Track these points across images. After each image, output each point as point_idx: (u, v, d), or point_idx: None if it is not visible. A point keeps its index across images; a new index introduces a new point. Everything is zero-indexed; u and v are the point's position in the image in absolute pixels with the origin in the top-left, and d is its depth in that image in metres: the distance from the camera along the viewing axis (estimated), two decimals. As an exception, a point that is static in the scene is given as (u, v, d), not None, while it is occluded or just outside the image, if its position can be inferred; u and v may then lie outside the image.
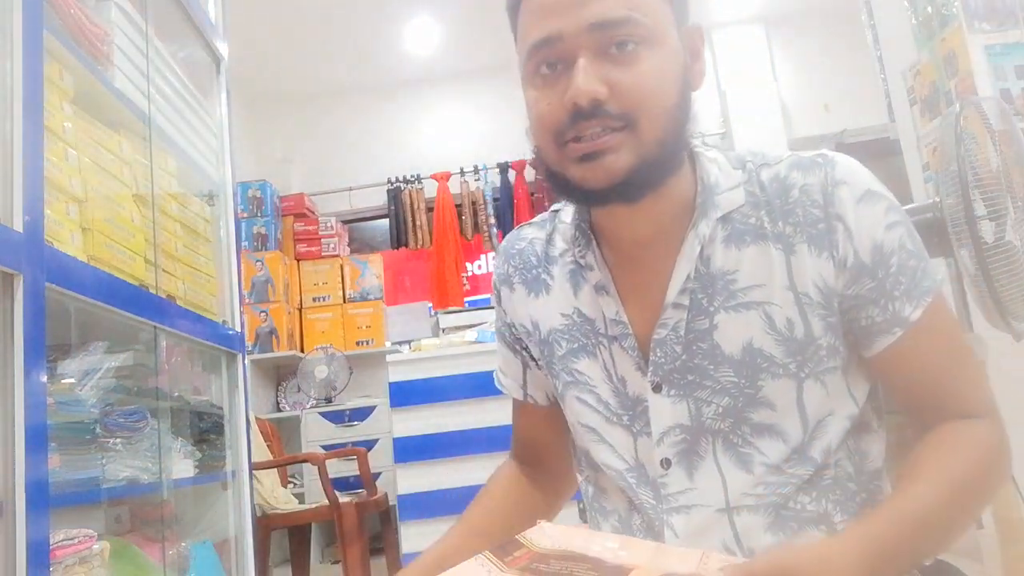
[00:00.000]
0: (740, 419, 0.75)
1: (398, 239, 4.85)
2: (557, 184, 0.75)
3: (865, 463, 0.77)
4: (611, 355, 0.80)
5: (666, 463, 0.77)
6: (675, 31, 0.73)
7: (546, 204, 4.93)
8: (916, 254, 0.74)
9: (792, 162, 0.77)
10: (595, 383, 0.81)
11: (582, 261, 0.82)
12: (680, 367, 0.76)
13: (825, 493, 0.74)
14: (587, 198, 0.74)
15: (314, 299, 4.55)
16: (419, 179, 4.86)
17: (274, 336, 4.22)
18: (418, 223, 4.81)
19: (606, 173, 0.69)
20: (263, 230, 4.41)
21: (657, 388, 0.77)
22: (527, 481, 0.94)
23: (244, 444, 2.07)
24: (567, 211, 0.87)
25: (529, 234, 0.90)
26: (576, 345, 0.83)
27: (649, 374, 0.77)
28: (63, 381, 1.45)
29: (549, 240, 0.88)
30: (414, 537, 2.99)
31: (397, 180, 4.87)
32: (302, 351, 4.40)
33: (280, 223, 4.57)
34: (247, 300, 4.16)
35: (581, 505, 1.03)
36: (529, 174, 4.85)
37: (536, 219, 0.92)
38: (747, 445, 0.75)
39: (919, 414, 0.77)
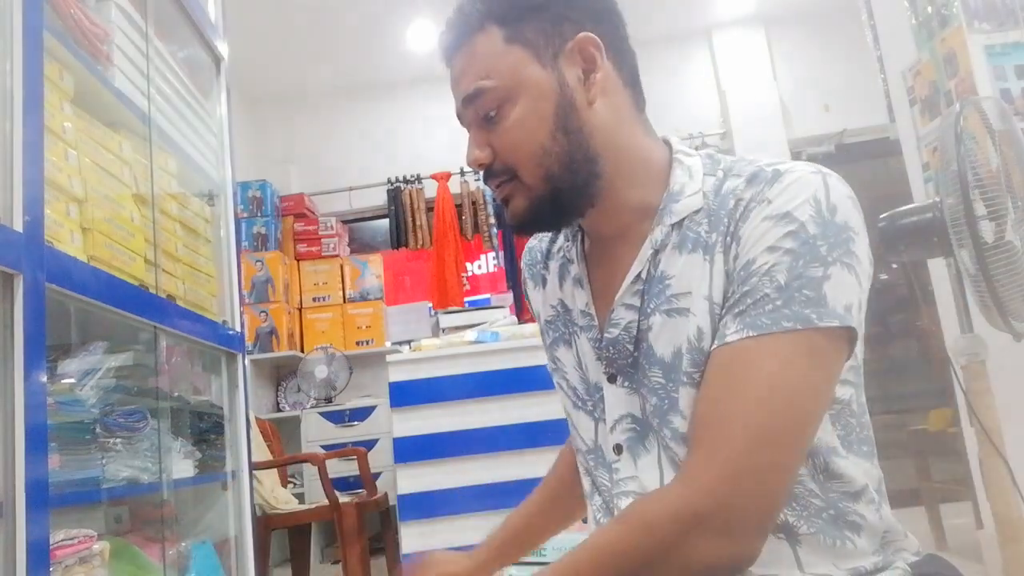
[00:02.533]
0: (663, 421, 0.76)
1: (398, 239, 4.84)
2: None
3: (834, 483, 0.74)
4: (580, 344, 0.86)
5: (618, 449, 0.81)
6: (537, 72, 0.77)
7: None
8: (783, 288, 0.68)
9: (751, 174, 0.76)
10: (567, 370, 0.88)
11: (569, 255, 0.89)
12: (632, 363, 0.80)
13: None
14: (516, 232, 0.86)
15: (314, 299, 4.55)
16: (419, 179, 4.86)
17: (274, 336, 4.22)
18: (418, 223, 4.81)
19: (513, 216, 0.81)
20: (263, 230, 4.41)
21: (612, 379, 0.81)
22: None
23: (244, 444, 2.07)
24: None
25: (542, 234, 0.99)
26: (558, 334, 0.90)
27: (604, 365, 0.82)
28: (63, 381, 1.45)
29: (553, 239, 0.95)
30: (414, 537, 2.98)
31: (397, 180, 4.87)
32: (302, 351, 4.40)
33: (280, 223, 4.57)
34: (247, 300, 4.16)
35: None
36: (529, 174, 4.84)
37: None
38: (670, 450, 0.77)
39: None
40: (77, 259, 1.33)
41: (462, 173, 4.86)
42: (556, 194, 0.78)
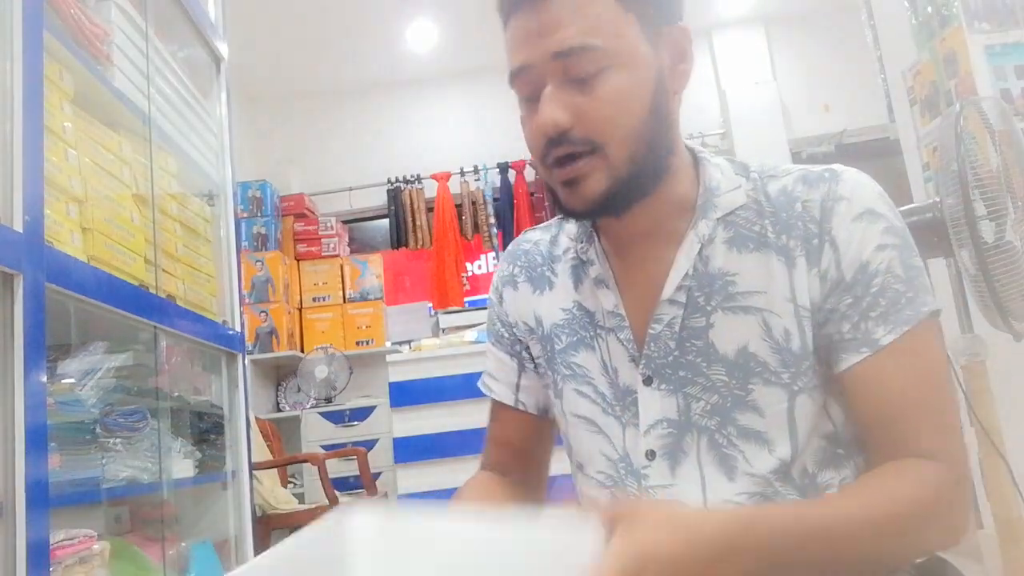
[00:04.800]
0: (727, 419, 0.75)
1: (398, 239, 4.84)
2: (552, 199, 0.79)
3: None
4: (607, 347, 0.82)
5: (651, 455, 0.78)
6: (644, 45, 0.73)
7: (546, 204, 4.94)
8: (906, 280, 0.72)
9: (799, 176, 0.78)
10: (593, 375, 0.83)
11: (584, 256, 0.85)
12: (672, 362, 0.77)
13: None
14: (576, 216, 0.79)
15: (314, 299, 4.55)
16: (419, 179, 4.86)
17: (274, 336, 4.21)
18: (418, 223, 4.81)
19: (584, 198, 0.73)
20: (263, 230, 4.41)
21: (648, 381, 0.79)
22: (504, 486, 0.92)
23: (244, 444, 2.07)
24: None
25: (535, 236, 0.95)
26: (575, 338, 0.85)
27: (641, 367, 0.79)
28: (63, 381, 1.45)
29: (554, 241, 0.91)
30: (414, 537, 2.98)
31: (397, 180, 4.87)
32: (302, 351, 4.40)
33: (280, 223, 4.57)
34: (247, 300, 4.16)
35: (581, 505, 1.04)
36: (529, 174, 4.84)
37: (542, 224, 0.96)
38: (731, 447, 0.75)
39: (875, 449, 0.74)
40: (77, 259, 1.33)
41: (462, 173, 4.86)
42: (636, 178, 0.73)
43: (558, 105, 0.71)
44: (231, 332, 2.05)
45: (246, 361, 2.13)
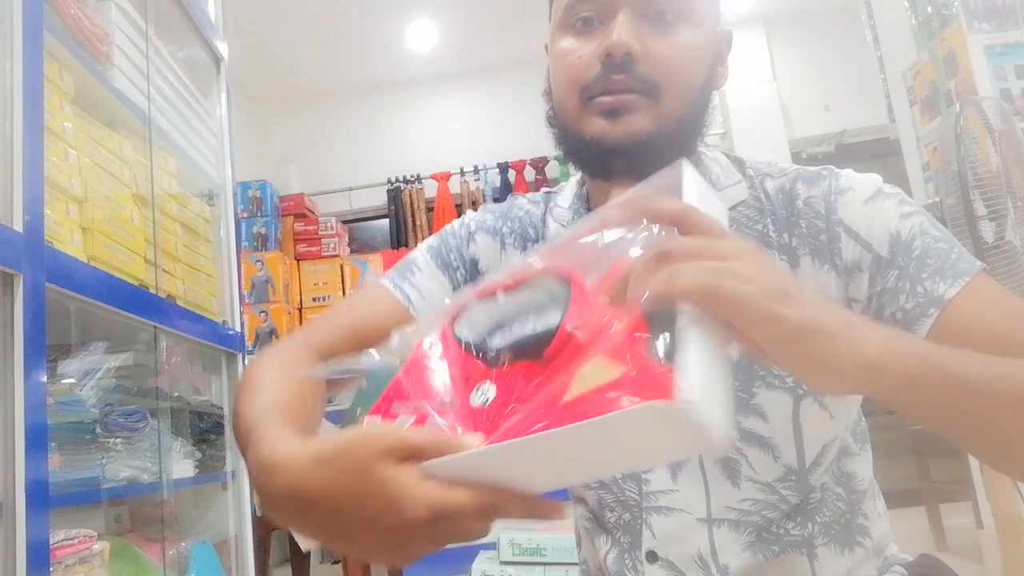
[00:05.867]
0: None
1: (398, 239, 4.85)
2: (570, 144, 0.75)
3: (853, 483, 0.76)
4: None
5: None
6: (711, 23, 0.74)
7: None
8: (944, 239, 0.69)
9: (796, 175, 0.76)
10: None
11: None
12: None
13: (811, 516, 0.73)
14: (599, 158, 0.73)
15: (314, 299, 4.55)
16: (419, 179, 4.86)
17: (274, 336, 4.21)
18: (418, 223, 4.81)
19: (625, 131, 0.70)
20: (263, 230, 4.41)
21: None
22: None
23: (244, 444, 2.06)
24: (564, 195, 0.86)
25: (526, 206, 0.88)
26: None
27: None
28: (63, 381, 1.45)
29: (544, 220, 0.86)
30: (414, 537, 2.98)
31: (397, 180, 4.87)
32: (302, 351, 4.40)
33: (280, 223, 4.57)
34: (247, 300, 4.16)
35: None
36: (529, 174, 4.84)
37: (529, 195, 0.90)
38: (734, 450, 0.74)
39: None
40: (77, 259, 1.33)
41: (462, 173, 4.86)
42: (675, 138, 0.72)
43: (633, 32, 0.70)
44: (231, 332, 2.05)
45: (246, 361, 2.13)
